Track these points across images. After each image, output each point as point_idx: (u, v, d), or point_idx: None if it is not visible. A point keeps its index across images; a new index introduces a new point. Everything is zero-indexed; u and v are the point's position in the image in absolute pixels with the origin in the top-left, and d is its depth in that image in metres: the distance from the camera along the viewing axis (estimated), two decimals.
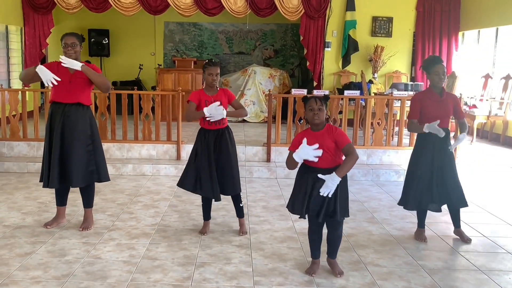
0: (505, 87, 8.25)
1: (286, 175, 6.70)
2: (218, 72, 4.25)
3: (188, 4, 9.38)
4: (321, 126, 3.40)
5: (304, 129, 3.53)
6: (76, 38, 4.24)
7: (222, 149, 4.27)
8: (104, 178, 4.47)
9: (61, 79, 4.18)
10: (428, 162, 4.26)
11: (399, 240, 4.39)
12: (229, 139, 4.33)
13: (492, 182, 6.63)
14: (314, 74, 9.81)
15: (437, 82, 4.20)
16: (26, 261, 3.71)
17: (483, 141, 8.35)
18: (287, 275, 3.59)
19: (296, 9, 9.45)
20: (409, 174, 4.43)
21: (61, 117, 4.23)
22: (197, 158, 4.28)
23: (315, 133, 3.41)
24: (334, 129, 3.40)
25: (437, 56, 4.34)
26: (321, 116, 3.36)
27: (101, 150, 4.46)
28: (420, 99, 4.29)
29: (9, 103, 7.08)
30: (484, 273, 3.74)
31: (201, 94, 4.26)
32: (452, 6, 9.85)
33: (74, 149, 4.25)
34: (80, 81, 4.24)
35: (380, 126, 7.14)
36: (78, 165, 4.27)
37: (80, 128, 4.27)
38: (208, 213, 4.51)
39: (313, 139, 3.35)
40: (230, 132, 4.38)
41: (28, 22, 9.51)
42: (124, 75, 12.05)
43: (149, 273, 3.56)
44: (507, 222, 5.01)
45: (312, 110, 3.37)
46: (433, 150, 4.25)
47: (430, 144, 4.24)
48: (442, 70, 4.16)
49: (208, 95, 4.25)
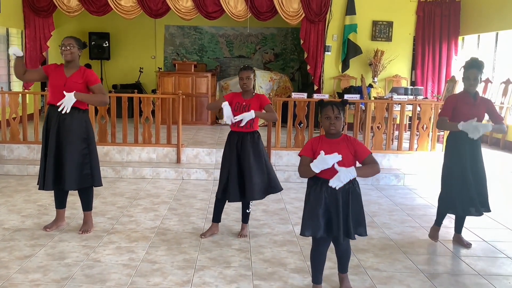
0: (505, 91, 8.26)
1: (286, 178, 6.70)
2: (249, 76, 4.27)
3: (188, 7, 9.39)
4: (337, 135, 3.16)
5: (318, 136, 3.27)
6: (74, 40, 4.27)
7: (244, 153, 4.27)
8: (98, 183, 4.45)
9: (57, 82, 4.21)
10: (463, 163, 4.19)
11: (399, 245, 4.39)
12: (252, 143, 4.30)
13: (492, 187, 6.62)
14: (314, 78, 9.81)
15: (467, 87, 4.19)
16: (25, 264, 3.71)
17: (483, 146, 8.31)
18: (287, 279, 3.59)
19: (296, 13, 9.46)
20: (447, 178, 4.32)
21: (57, 120, 4.24)
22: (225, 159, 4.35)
23: (330, 140, 3.15)
24: (352, 140, 3.17)
25: (475, 60, 4.18)
26: (338, 125, 3.10)
27: (96, 155, 4.44)
28: (454, 99, 4.27)
29: (9, 105, 7.09)
30: (484, 277, 3.73)
31: (237, 96, 4.33)
32: (452, 10, 9.87)
33: (69, 152, 4.25)
34: (76, 86, 4.23)
35: (380, 130, 7.15)
36: (72, 168, 4.26)
37: (75, 132, 4.27)
38: (219, 215, 4.48)
39: (329, 147, 3.10)
40: (255, 136, 4.34)
41: (28, 25, 9.53)
42: (125, 78, 12.06)
43: (148, 276, 3.56)
44: (507, 227, 5.01)
45: (328, 118, 3.11)
46: (467, 153, 4.20)
47: (466, 145, 4.19)
48: (473, 75, 4.11)
49: (243, 98, 4.31)
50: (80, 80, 4.24)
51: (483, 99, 4.29)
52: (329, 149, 3.07)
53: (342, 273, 3.47)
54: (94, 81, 4.29)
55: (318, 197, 3.14)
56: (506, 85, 8.25)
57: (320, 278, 3.37)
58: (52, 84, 4.25)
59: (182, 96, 7.12)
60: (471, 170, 4.19)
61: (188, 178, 6.69)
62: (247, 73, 4.27)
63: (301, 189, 6.28)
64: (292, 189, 6.33)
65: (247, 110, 4.22)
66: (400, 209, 5.50)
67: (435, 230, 4.51)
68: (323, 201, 3.13)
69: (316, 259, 3.32)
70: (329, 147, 3.10)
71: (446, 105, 4.29)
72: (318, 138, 3.22)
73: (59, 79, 4.22)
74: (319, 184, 3.14)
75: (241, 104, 4.26)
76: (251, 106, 4.23)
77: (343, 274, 3.47)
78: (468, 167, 4.19)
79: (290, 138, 7.14)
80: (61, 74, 4.23)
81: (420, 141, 7.24)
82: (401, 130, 7.19)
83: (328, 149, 3.07)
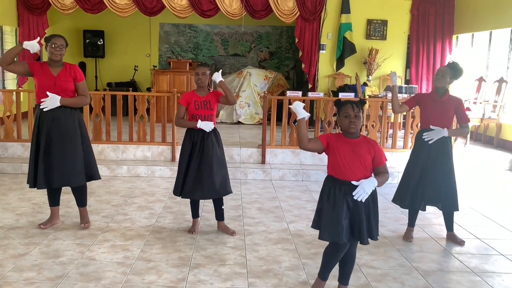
0: (498, 90, 8.30)
1: (281, 176, 6.71)
2: (205, 72, 4.30)
3: (183, 5, 9.38)
4: (356, 134, 3.07)
5: (337, 133, 3.17)
6: (65, 41, 4.29)
7: (205, 151, 4.29)
8: (96, 176, 4.52)
9: (46, 82, 4.21)
10: (423, 161, 4.32)
11: (393, 242, 4.41)
12: (217, 141, 4.36)
13: (485, 185, 6.67)
14: (309, 77, 9.82)
15: (434, 81, 4.36)
16: (20, 262, 3.70)
17: (476, 144, 8.40)
18: (282, 277, 3.60)
19: (291, 11, 9.47)
20: (405, 173, 4.50)
21: (49, 120, 4.24)
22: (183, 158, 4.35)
23: (349, 140, 3.06)
24: (374, 143, 3.08)
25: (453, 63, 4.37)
26: (357, 124, 3.00)
27: (91, 149, 4.50)
28: (420, 95, 4.49)
29: (3, 104, 7.06)
30: (478, 275, 3.76)
31: (192, 96, 4.34)
32: (446, 9, 9.90)
33: (66, 150, 4.26)
34: (65, 84, 4.24)
35: (374, 128, 7.17)
36: (76, 165, 4.30)
37: (69, 130, 4.29)
38: (196, 211, 4.54)
39: (348, 147, 3.03)
40: (217, 135, 4.41)
41: (22, 23, 9.48)
42: (119, 76, 12.03)
43: (143, 274, 3.56)
44: (500, 224, 5.04)
45: (348, 117, 3.01)
46: (429, 150, 4.30)
47: (427, 144, 4.29)
48: (441, 72, 4.30)
49: (199, 96, 4.31)
50: (69, 78, 4.26)
51: (451, 98, 4.34)
52: (348, 149, 3.02)
53: (344, 284, 3.33)
54: (80, 78, 4.34)
55: (339, 200, 3.03)
56: (500, 83, 8.29)
57: (327, 275, 3.29)
58: (41, 84, 4.23)
59: (177, 94, 7.11)
60: (431, 168, 4.28)
61: None
62: (203, 69, 4.31)
63: (296, 187, 6.30)
64: (287, 187, 6.34)
65: (208, 106, 4.27)
66: (394, 207, 5.52)
67: (408, 231, 4.55)
68: (344, 204, 3.02)
69: (331, 260, 3.22)
70: (348, 147, 3.03)
71: (412, 97, 4.63)
72: (336, 135, 3.12)
73: (48, 79, 4.21)
74: (338, 186, 3.05)
75: (200, 101, 4.28)
76: (212, 102, 4.29)
77: (344, 286, 3.34)
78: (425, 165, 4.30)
79: (285, 136, 7.15)
80: (48, 73, 4.22)
81: (414, 139, 7.26)
82: (395, 128, 7.22)
83: (348, 149, 3.02)
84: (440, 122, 4.26)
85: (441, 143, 4.28)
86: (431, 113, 4.29)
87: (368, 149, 3.05)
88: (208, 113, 4.29)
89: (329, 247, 3.21)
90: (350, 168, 3.01)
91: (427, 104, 4.34)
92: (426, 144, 4.29)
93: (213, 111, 4.33)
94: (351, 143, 3.05)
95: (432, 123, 4.27)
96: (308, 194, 6.01)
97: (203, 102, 4.28)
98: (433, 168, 4.29)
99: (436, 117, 4.27)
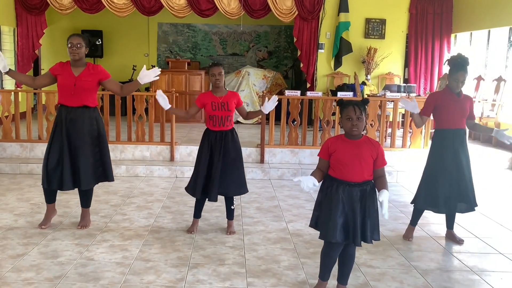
0: (497, 88, 8.31)
1: (280, 176, 6.71)
2: (221, 72, 4.27)
3: (181, 5, 9.37)
4: (358, 136, 3.06)
5: (337, 135, 3.19)
6: (82, 39, 4.25)
7: (225, 151, 4.28)
8: (111, 177, 4.52)
9: (67, 82, 4.20)
10: (449, 162, 4.23)
11: (392, 241, 4.41)
12: (232, 141, 4.34)
13: (484, 183, 6.67)
14: (307, 76, 9.82)
15: (455, 88, 4.20)
16: (18, 262, 3.70)
17: (475, 142, 8.39)
18: (281, 276, 3.60)
19: (289, 10, 9.46)
20: (429, 176, 4.34)
21: (68, 121, 4.24)
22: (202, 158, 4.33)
23: (352, 141, 3.05)
24: (376, 144, 3.07)
25: (463, 59, 4.14)
26: (360, 127, 2.99)
27: (108, 150, 4.49)
28: (434, 98, 4.30)
29: (1, 104, 7.05)
30: (476, 273, 3.76)
31: (209, 97, 4.30)
32: (445, 8, 9.91)
33: (82, 152, 4.28)
34: (86, 84, 4.23)
35: (373, 127, 7.17)
36: (87, 168, 4.31)
37: (86, 131, 4.28)
38: (200, 211, 4.53)
39: (350, 149, 3.02)
40: (234, 134, 4.40)
41: (21, 23, 9.45)
42: (118, 76, 11.93)
43: (142, 274, 3.56)
44: (499, 223, 5.04)
45: (350, 119, 2.99)
46: (453, 150, 4.23)
47: (450, 144, 4.23)
48: (463, 77, 4.12)
49: (216, 97, 4.28)
50: (90, 78, 4.24)
51: (466, 96, 4.32)
52: (350, 151, 3.02)
53: (342, 284, 3.32)
54: (105, 76, 4.32)
55: (335, 200, 3.03)
56: (498, 82, 8.29)
57: (328, 275, 3.29)
58: (62, 84, 4.23)
59: (176, 94, 7.11)
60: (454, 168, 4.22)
61: (182, 176, 6.68)
62: (219, 69, 4.25)
63: (295, 187, 6.29)
64: (286, 186, 6.34)
65: (226, 107, 4.24)
66: (393, 206, 5.52)
67: (410, 230, 4.52)
68: (340, 204, 3.03)
69: (327, 260, 3.23)
70: (349, 147, 3.03)
71: (427, 104, 4.33)
72: (336, 138, 3.12)
73: (68, 79, 4.20)
74: (335, 186, 3.05)
75: (218, 103, 4.25)
76: (230, 104, 4.26)
77: (343, 285, 3.33)
78: (451, 165, 4.22)
79: (284, 135, 7.15)
80: (69, 73, 4.21)
81: (413, 139, 7.28)
82: (394, 128, 7.22)
83: (350, 151, 3.02)
84: (460, 122, 4.23)
85: (461, 142, 4.25)
86: (453, 114, 4.20)
87: (371, 150, 3.05)
88: (225, 114, 4.26)
89: (324, 247, 3.23)
90: (349, 168, 3.02)
91: (448, 105, 4.21)
92: (450, 144, 4.22)
93: (231, 112, 4.29)
94: (353, 144, 3.05)
95: (452, 123, 4.22)
96: (307, 193, 6.02)
97: (220, 103, 4.24)
98: (460, 168, 4.23)
99: (457, 117, 4.21)
